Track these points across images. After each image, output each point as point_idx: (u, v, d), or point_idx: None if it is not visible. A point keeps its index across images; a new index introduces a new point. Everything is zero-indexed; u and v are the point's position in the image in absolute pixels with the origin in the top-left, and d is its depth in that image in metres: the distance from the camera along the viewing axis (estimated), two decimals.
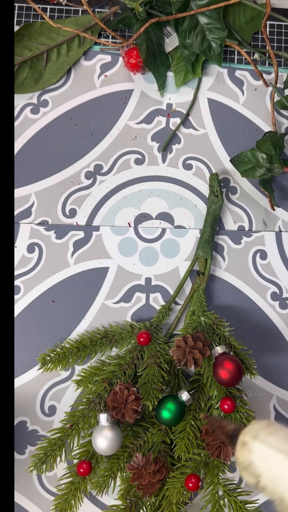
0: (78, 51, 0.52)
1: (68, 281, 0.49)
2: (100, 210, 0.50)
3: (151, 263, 0.50)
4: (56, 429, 0.44)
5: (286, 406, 0.48)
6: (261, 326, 0.49)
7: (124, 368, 0.45)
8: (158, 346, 0.45)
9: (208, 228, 0.48)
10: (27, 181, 0.51)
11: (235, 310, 0.49)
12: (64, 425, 0.44)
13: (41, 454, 0.44)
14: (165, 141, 0.51)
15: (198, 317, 0.46)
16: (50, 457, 0.44)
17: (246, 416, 0.43)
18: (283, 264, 0.50)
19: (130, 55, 0.50)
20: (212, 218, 0.49)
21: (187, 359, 0.41)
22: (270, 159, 0.47)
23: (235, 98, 0.53)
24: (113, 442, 0.41)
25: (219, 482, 0.42)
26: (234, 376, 0.41)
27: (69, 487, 0.44)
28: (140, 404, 0.42)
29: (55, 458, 0.44)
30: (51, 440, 0.44)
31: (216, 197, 0.48)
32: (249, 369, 0.44)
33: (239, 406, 0.43)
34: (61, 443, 0.44)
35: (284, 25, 0.54)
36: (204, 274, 0.48)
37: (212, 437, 0.41)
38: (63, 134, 0.51)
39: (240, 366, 0.41)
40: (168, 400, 0.42)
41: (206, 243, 0.48)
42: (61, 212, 0.50)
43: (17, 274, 0.49)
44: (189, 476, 0.42)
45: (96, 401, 0.43)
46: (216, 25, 0.50)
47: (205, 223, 0.49)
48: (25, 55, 0.51)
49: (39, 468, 0.44)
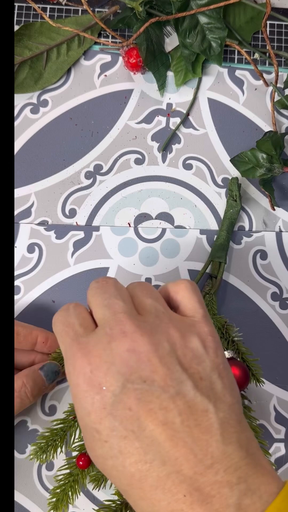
0: (78, 51, 0.52)
1: (68, 281, 0.49)
2: (100, 210, 0.50)
3: (151, 263, 0.50)
4: (59, 419, 0.44)
5: (286, 406, 0.48)
6: (261, 326, 0.49)
7: None
8: None
9: (224, 232, 0.48)
10: (27, 181, 0.51)
11: (234, 308, 0.49)
12: (67, 416, 0.44)
13: (42, 443, 0.43)
14: (165, 141, 0.51)
15: None
16: (51, 446, 0.43)
17: (249, 422, 0.43)
18: (283, 264, 0.50)
19: (130, 55, 0.50)
20: (228, 222, 0.48)
21: None
22: (270, 159, 0.47)
23: (235, 98, 0.53)
24: None
25: None
26: (240, 382, 0.41)
27: (67, 478, 0.43)
28: None
29: (55, 448, 0.43)
30: (53, 430, 0.44)
31: (235, 201, 0.48)
32: (255, 376, 0.44)
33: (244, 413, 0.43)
34: (63, 433, 0.44)
35: (284, 25, 0.54)
36: (217, 277, 0.48)
37: None
38: (63, 134, 0.51)
39: (246, 373, 0.41)
40: None
41: (221, 246, 0.48)
42: (61, 212, 0.50)
43: (17, 274, 0.49)
44: None
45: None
46: (216, 25, 0.50)
47: (222, 226, 0.49)
48: (25, 55, 0.51)
49: (39, 457, 0.43)
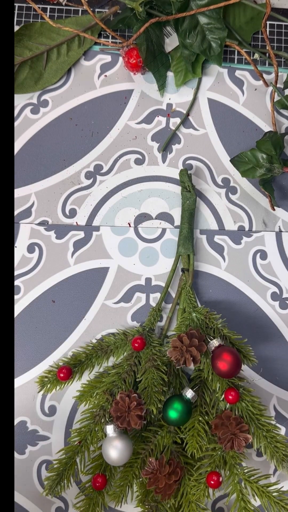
0: (78, 51, 0.52)
1: (68, 281, 0.49)
2: (100, 210, 0.50)
3: (151, 263, 0.50)
4: (65, 448, 0.44)
5: (286, 406, 0.48)
6: (261, 326, 0.49)
7: (123, 376, 0.44)
8: (154, 349, 0.45)
9: (186, 224, 0.48)
10: (27, 181, 0.51)
11: (235, 308, 0.49)
12: (72, 443, 0.44)
13: (54, 476, 0.43)
14: (165, 141, 0.51)
15: (189, 314, 0.46)
16: (64, 477, 0.43)
17: (251, 403, 0.43)
18: (283, 264, 0.50)
19: (130, 55, 0.50)
20: (188, 214, 0.48)
21: (185, 358, 0.41)
22: (270, 159, 0.47)
23: (235, 98, 0.53)
24: (124, 451, 0.41)
25: (238, 471, 0.43)
26: (233, 367, 0.41)
27: (87, 503, 0.43)
28: (143, 409, 0.41)
29: (68, 477, 0.43)
30: (62, 460, 0.43)
31: (189, 192, 0.48)
32: (247, 357, 0.44)
33: (244, 395, 0.43)
34: (72, 461, 0.43)
35: (284, 25, 0.54)
36: (189, 270, 0.48)
37: (222, 430, 0.41)
38: (63, 134, 0.51)
39: (237, 356, 0.41)
40: (174, 400, 0.42)
41: (186, 239, 0.48)
42: (61, 212, 0.50)
43: (17, 274, 0.49)
44: (209, 474, 0.42)
45: (100, 414, 0.43)
46: (216, 25, 0.50)
47: (182, 219, 0.49)
48: (25, 55, 0.51)
49: (54, 490, 0.43)
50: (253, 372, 0.48)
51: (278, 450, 0.42)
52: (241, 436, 0.40)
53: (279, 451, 0.42)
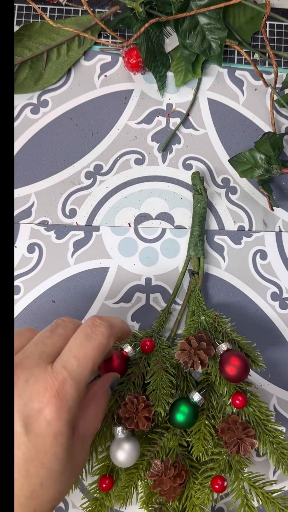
0: (78, 51, 0.52)
1: (68, 281, 0.49)
2: (100, 210, 0.50)
3: (151, 263, 0.50)
4: None
5: (286, 406, 0.48)
6: (261, 326, 0.49)
7: (132, 378, 0.44)
8: (163, 351, 0.45)
9: (197, 227, 0.48)
10: (27, 181, 0.51)
11: (235, 308, 0.49)
12: None
13: None
14: (165, 141, 0.51)
15: (198, 317, 0.46)
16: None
17: (258, 408, 0.43)
18: (283, 264, 0.50)
19: (130, 55, 0.50)
20: (199, 217, 0.48)
21: (193, 360, 0.41)
22: (269, 160, 0.47)
23: (235, 98, 0.53)
24: (133, 453, 0.41)
25: (243, 477, 0.43)
26: (241, 371, 0.41)
27: (93, 503, 0.43)
28: (151, 411, 0.41)
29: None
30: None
31: (201, 195, 0.48)
32: (255, 362, 0.44)
33: (251, 400, 0.43)
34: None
35: (284, 25, 0.54)
36: (199, 273, 0.48)
37: (228, 434, 0.41)
38: (63, 134, 0.51)
39: (245, 361, 0.41)
40: (181, 403, 0.42)
41: (196, 242, 0.48)
42: (61, 212, 0.50)
43: (17, 274, 0.49)
44: (214, 479, 0.42)
45: (109, 416, 0.43)
46: (216, 25, 0.50)
47: (193, 222, 0.49)
48: (25, 55, 0.51)
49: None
50: (260, 377, 0.48)
51: (284, 456, 0.42)
52: (247, 441, 0.40)
53: (285, 457, 0.42)
